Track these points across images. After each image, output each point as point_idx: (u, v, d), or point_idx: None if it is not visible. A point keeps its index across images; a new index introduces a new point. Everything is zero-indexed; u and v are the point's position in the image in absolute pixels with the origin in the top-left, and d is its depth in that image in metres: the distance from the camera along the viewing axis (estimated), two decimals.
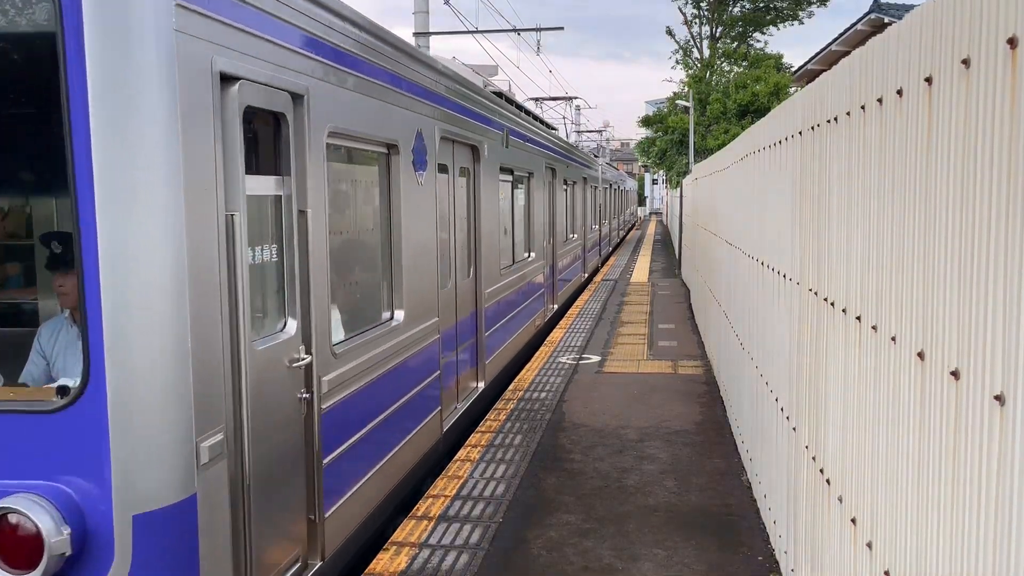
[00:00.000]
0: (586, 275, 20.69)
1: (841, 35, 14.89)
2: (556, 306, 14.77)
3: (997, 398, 1.75)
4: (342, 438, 4.81)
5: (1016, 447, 1.67)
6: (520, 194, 11.72)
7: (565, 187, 16.52)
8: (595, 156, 28.01)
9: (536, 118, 13.93)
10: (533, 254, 12.21)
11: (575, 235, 18.38)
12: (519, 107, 12.05)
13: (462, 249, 8.01)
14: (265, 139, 4.16)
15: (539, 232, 12.81)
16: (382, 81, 5.45)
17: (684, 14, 37.08)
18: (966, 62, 1.93)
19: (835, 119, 3.31)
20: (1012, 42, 1.69)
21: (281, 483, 4.08)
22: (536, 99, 31.48)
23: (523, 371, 10.30)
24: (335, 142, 4.80)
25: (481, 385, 8.58)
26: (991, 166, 1.80)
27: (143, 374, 3.15)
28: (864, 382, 2.86)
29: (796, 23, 36.50)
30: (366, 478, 5.22)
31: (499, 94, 10.58)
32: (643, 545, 5.18)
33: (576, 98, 35.75)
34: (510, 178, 10.75)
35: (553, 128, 16.48)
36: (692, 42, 37.47)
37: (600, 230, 26.35)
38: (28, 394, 3.48)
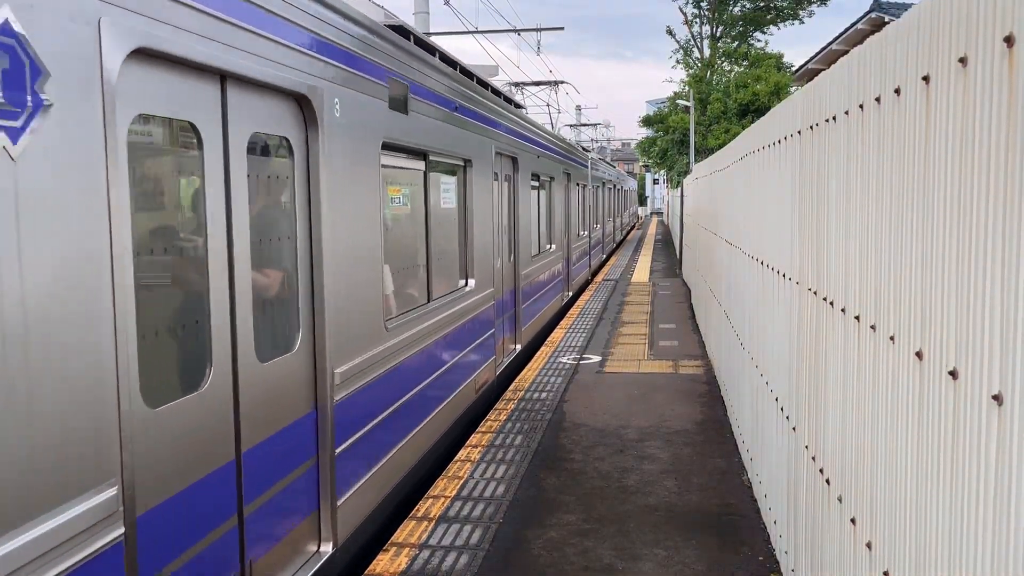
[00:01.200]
0: (570, 293, 17.09)
1: (841, 34, 14.91)
2: (519, 346, 11.02)
3: (995, 398, 1.75)
4: None
5: (1014, 447, 1.66)
6: (445, 193, 7.72)
7: (536, 184, 12.83)
8: (585, 150, 23.70)
9: (488, 86, 9.42)
10: (472, 282, 8.33)
11: (552, 246, 14.53)
12: (451, 62, 7.58)
13: (282, 299, 4.37)
14: None
15: (485, 249, 8.89)
16: None
17: (684, 14, 37.07)
18: (963, 60, 1.93)
19: (834, 118, 3.31)
20: (1009, 40, 1.69)
21: None
22: (517, 84, 25.73)
23: (524, 371, 10.29)
24: None
25: (328, 549, 4.71)
26: (988, 165, 1.80)
27: None
28: (863, 382, 2.86)
29: (796, 22, 36.50)
30: None
31: (398, 28, 6.10)
32: (644, 545, 5.17)
33: (563, 82, 28.46)
34: (420, 167, 6.76)
35: (520, 107, 12.27)
36: (692, 41, 37.46)
37: (591, 237, 21.96)
38: None
